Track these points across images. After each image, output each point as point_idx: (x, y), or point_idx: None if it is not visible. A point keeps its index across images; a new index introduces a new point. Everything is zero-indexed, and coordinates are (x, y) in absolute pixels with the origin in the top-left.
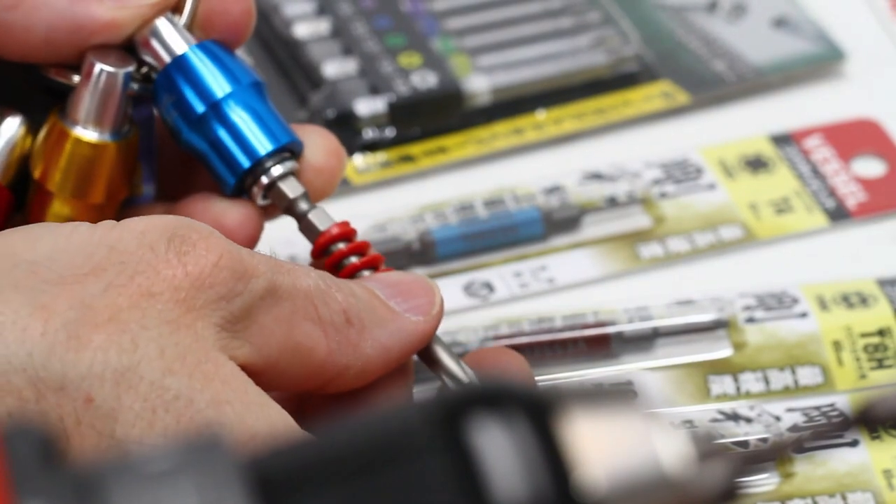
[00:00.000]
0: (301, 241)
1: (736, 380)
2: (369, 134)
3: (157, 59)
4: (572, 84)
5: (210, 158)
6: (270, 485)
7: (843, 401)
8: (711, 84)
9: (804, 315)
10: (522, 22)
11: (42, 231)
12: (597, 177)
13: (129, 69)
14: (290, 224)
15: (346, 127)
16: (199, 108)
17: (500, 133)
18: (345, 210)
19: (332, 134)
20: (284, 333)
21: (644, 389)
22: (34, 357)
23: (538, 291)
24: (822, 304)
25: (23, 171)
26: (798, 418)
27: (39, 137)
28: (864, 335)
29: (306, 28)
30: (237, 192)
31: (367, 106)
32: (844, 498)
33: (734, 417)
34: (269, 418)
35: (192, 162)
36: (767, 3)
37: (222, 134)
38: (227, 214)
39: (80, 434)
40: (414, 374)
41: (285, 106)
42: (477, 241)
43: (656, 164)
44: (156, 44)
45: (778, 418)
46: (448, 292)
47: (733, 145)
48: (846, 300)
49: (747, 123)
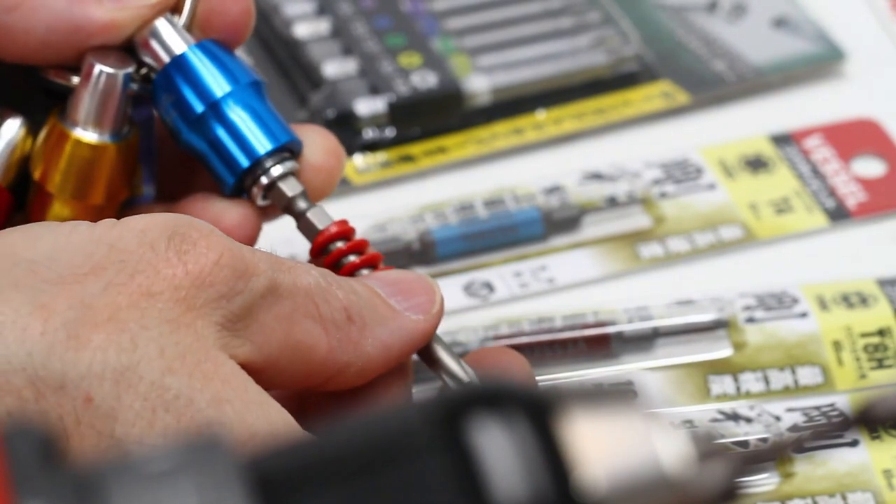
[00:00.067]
0: (300, 241)
1: (736, 380)
2: (369, 134)
3: (157, 59)
4: (572, 84)
5: (209, 158)
6: (270, 485)
7: (843, 401)
8: (711, 84)
9: (804, 315)
10: (522, 22)
11: (42, 230)
12: (597, 177)
13: (129, 70)
14: (290, 223)
15: (346, 127)
16: (199, 107)
17: (500, 133)
18: (345, 210)
19: (331, 133)
20: (285, 331)
21: (644, 389)
22: (34, 356)
23: (538, 291)
24: (822, 304)
25: (23, 172)
26: (798, 418)
27: (39, 139)
28: (864, 335)
29: (306, 28)
30: (236, 191)
31: (367, 106)
32: (844, 498)
33: (734, 417)
34: (269, 417)
35: (191, 162)
36: (767, 3)
37: (221, 133)
38: (226, 214)
39: (79, 434)
40: (413, 373)
41: (285, 106)
42: (477, 241)
43: (656, 164)
44: (155, 44)
45: (778, 418)
46: (448, 292)
47: (733, 145)
48: (846, 300)
49: (747, 123)
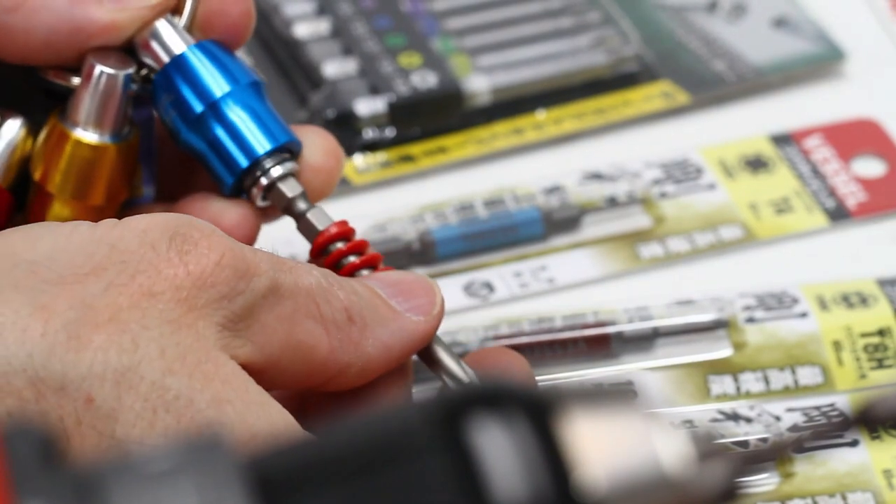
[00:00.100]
0: (301, 241)
1: (736, 380)
2: (369, 134)
3: (157, 59)
4: (572, 84)
5: (209, 158)
6: (270, 485)
7: (843, 401)
8: (711, 84)
9: (804, 315)
10: (522, 22)
11: (42, 230)
12: (597, 177)
13: (129, 71)
14: (290, 224)
15: (346, 127)
16: (198, 107)
17: (500, 133)
18: (345, 210)
19: (330, 134)
20: (286, 332)
21: (644, 389)
22: (34, 357)
23: (538, 291)
24: (822, 304)
25: (23, 173)
26: (798, 418)
27: (39, 139)
28: (864, 335)
29: (306, 28)
30: (235, 191)
31: (367, 106)
32: (844, 498)
33: (734, 417)
34: (270, 417)
35: (190, 163)
36: (767, 3)
37: (220, 133)
38: (225, 214)
39: (80, 434)
40: (413, 373)
41: (285, 106)
42: (477, 241)
43: (656, 164)
44: (155, 45)
45: (778, 418)
46: (448, 292)
47: (733, 145)
48: (846, 300)
49: (747, 123)
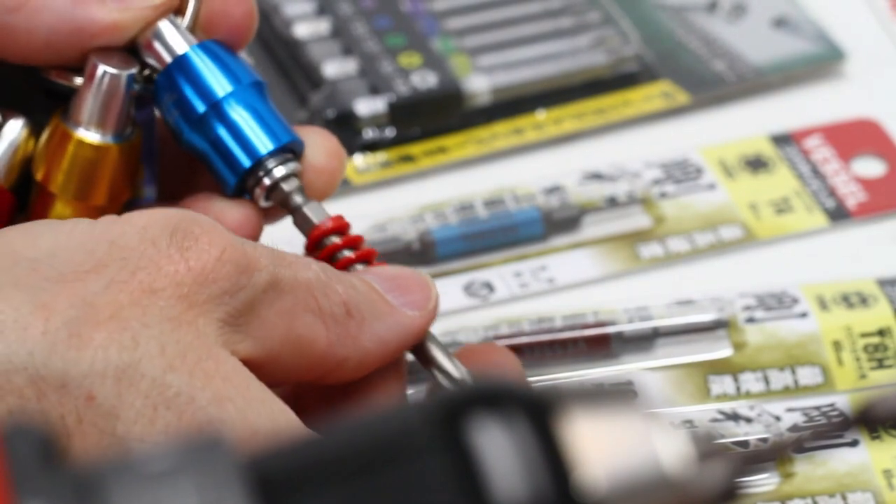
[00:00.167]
0: (302, 241)
1: (736, 380)
2: (369, 134)
3: (159, 60)
4: (572, 84)
5: (211, 158)
6: (270, 485)
7: (843, 401)
8: (711, 84)
9: (804, 315)
10: (522, 22)
11: (42, 228)
12: (597, 177)
13: (133, 71)
14: (292, 223)
15: (346, 127)
16: (200, 107)
17: (500, 133)
18: (345, 210)
19: (332, 135)
20: (286, 326)
21: (644, 389)
22: (35, 356)
23: (538, 291)
24: (822, 304)
25: (25, 173)
26: (798, 418)
27: (42, 139)
28: (864, 335)
29: (306, 28)
30: (238, 192)
31: (367, 106)
32: (844, 498)
33: (734, 417)
34: (272, 415)
35: (193, 163)
36: (767, 3)
37: (223, 133)
38: (228, 214)
39: (81, 432)
40: (407, 369)
41: (285, 106)
42: (477, 241)
43: (656, 164)
44: (158, 45)
45: (778, 418)
46: (448, 292)
47: (733, 145)
48: (846, 300)
49: (747, 123)
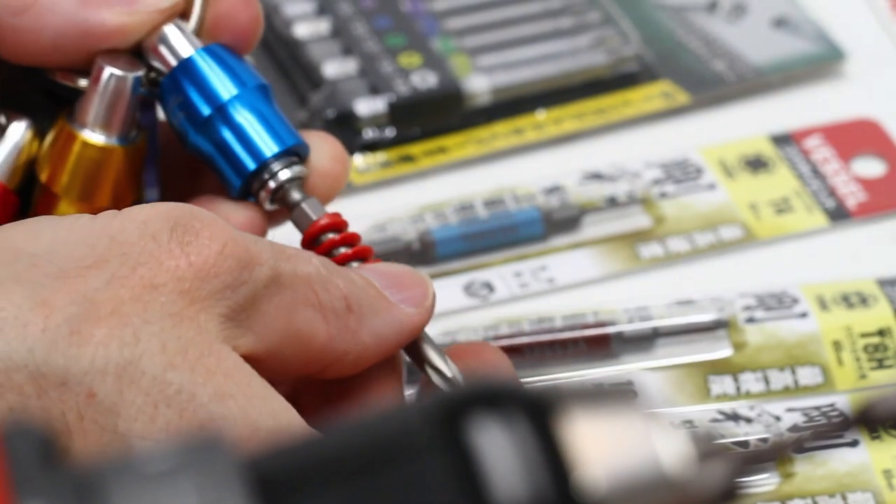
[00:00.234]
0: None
1: (736, 380)
2: (369, 134)
3: (165, 63)
4: (572, 84)
5: (216, 161)
6: (270, 485)
7: (843, 401)
8: (711, 84)
9: (804, 315)
10: (522, 22)
11: (43, 224)
12: (597, 177)
13: (139, 74)
14: (291, 227)
15: (346, 127)
16: (205, 110)
17: (500, 133)
18: (345, 210)
19: (336, 140)
20: (286, 320)
21: (644, 389)
22: (35, 353)
23: (538, 291)
24: (822, 304)
25: (29, 176)
26: (798, 418)
27: (47, 141)
28: (864, 335)
29: (306, 28)
30: (243, 194)
31: (367, 106)
32: (844, 498)
33: (734, 417)
34: (273, 411)
35: (196, 167)
36: (767, 3)
37: (228, 136)
38: (232, 216)
39: (82, 429)
40: (405, 367)
41: (285, 106)
42: (477, 241)
43: (656, 164)
44: (163, 49)
45: (778, 418)
46: (448, 292)
47: (733, 145)
48: (846, 300)
49: (747, 123)
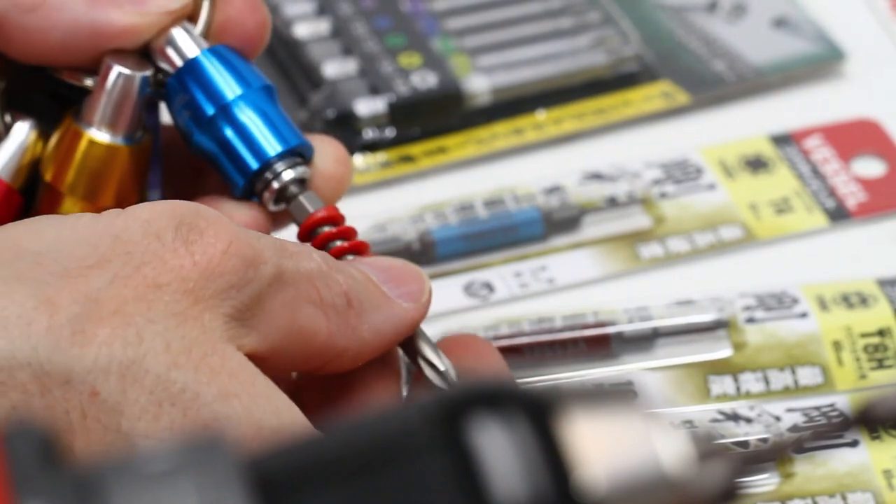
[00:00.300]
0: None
1: (736, 380)
2: (369, 134)
3: (171, 64)
4: (572, 84)
5: (220, 160)
6: (270, 485)
7: (843, 401)
8: (711, 84)
9: (804, 315)
10: (522, 22)
11: (46, 223)
12: (597, 177)
13: (147, 73)
14: (294, 227)
15: (346, 127)
16: (210, 109)
17: (500, 133)
18: (345, 210)
19: (340, 143)
20: (289, 318)
21: (644, 389)
22: (39, 351)
23: (538, 291)
24: (822, 305)
25: (33, 176)
26: (798, 418)
27: (52, 141)
28: (864, 335)
29: (306, 28)
30: (247, 194)
31: (367, 106)
32: (844, 498)
33: (734, 417)
34: (277, 410)
35: (199, 168)
36: (767, 3)
37: (231, 135)
38: (236, 215)
39: (85, 428)
40: (401, 361)
41: (285, 106)
42: (477, 241)
43: (656, 164)
44: (170, 50)
45: (778, 418)
46: (448, 292)
47: (733, 145)
48: (846, 300)
49: (747, 123)
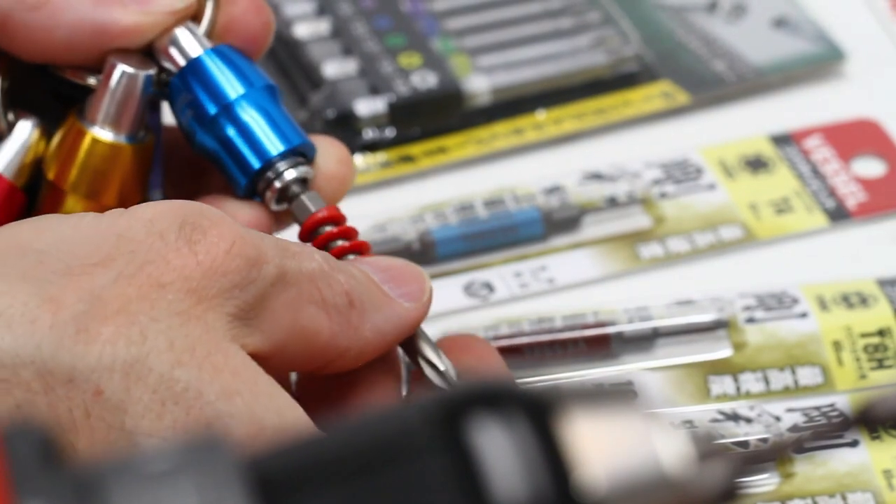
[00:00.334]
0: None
1: (736, 380)
2: (369, 134)
3: (175, 63)
4: (572, 84)
5: (223, 159)
6: (270, 485)
7: (843, 401)
8: (711, 84)
9: (804, 315)
10: (522, 22)
11: (49, 222)
12: (597, 177)
13: (150, 72)
14: (296, 227)
15: (346, 127)
16: (212, 109)
17: (500, 133)
18: (345, 210)
19: (342, 144)
20: (292, 318)
21: (644, 389)
22: (43, 349)
23: (538, 291)
24: (822, 305)
25: (35, 176)
26: (798, 418)
27: (55, 139)
28: (864, 335)
29: (306, 28)
30: (249, 193)
31: (367, 106)
32: (844, 498)
33: (734, 417)
34: (279, 409)
35: (201, 168)
36: (767, 3)
37: (234, 135)
38: (238, 215)
39: (89, 426)
40: (402, 361)
41: (286, 106)
42: (477, 241)
43: (656, 164)
44: (173, 50)
45: (778, 418)
46: (448, 292)
47: (733, 145)
48: (846, 300)
49: (747, 123)
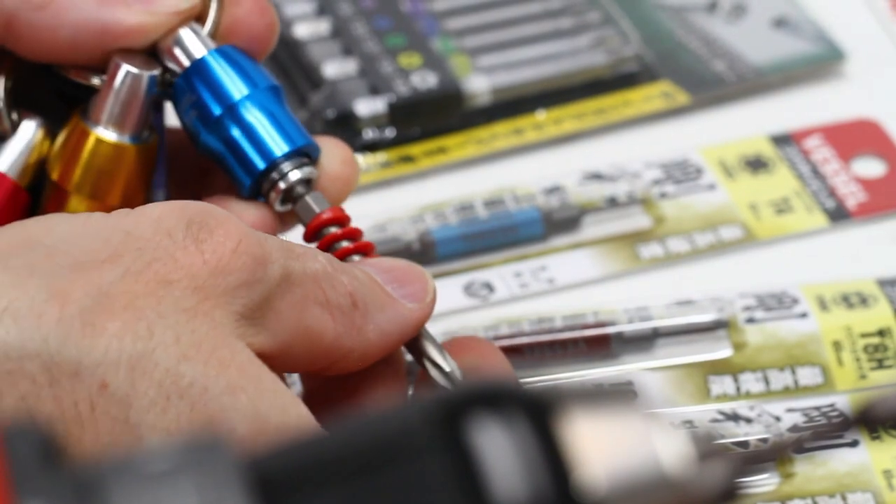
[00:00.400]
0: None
1: (736, 380)
2: (369, 134)
3: (179, 64)
4: (572, 84)
5: (227, 160)
6: (270, 485)
7: (843, 401)
8: (711, 84)
9: (804, 315)
10: (522, 22)
11: (58, 219)
12: (597, 177)
13: (154, 73)
14: (299, 227)
15: (346, 127)
16: (216, 109)
17: (500, 133)
18: (346, 210)
19: (346, 145)
20: (297, 318)
21: (644, 389)
22: (49, 343)
23: (538, 291)
24: (822, 305)
25: (39, 174)
26: (798, 418)
27: (59, 140)
28: (864, 335)
29: (306, 28)
30: (253, 194)
31: (367, 106)
32: (844, 498)
33: (734, 417)
34: (283, 406)
35: (205, 169)
36: (767, 3)
37: (238, 135)
38: (242, 215)
39: (94, 420)
40: (405, 361)
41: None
42: (477, 241)
43: (656, 164)
44: (178, 50)
45: (778, 418)
46: (448, 292)
47: (733, 145)
48: (846, 300)
49: (747, 123)
